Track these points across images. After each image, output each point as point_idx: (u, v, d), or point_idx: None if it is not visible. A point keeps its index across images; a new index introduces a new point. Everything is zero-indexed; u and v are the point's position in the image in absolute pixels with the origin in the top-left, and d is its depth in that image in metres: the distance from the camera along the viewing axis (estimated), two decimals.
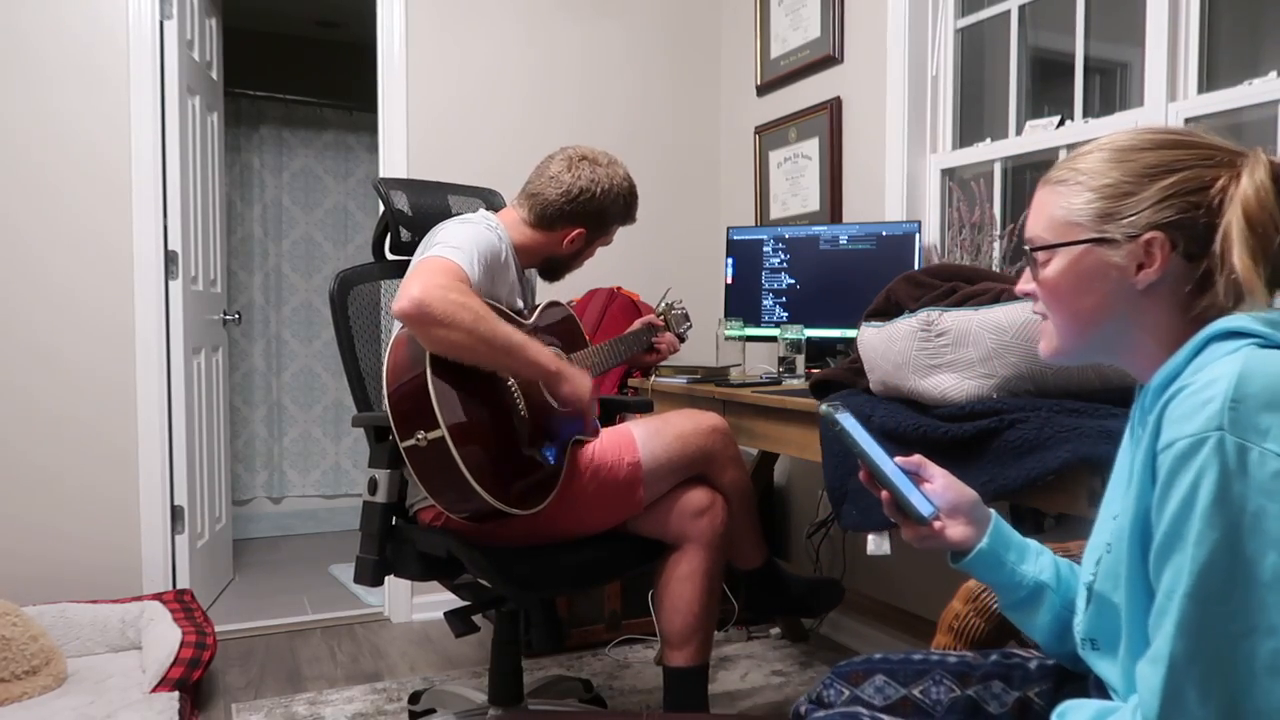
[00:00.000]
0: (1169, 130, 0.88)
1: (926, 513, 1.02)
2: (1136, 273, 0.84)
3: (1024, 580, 1.03)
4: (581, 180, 1.90)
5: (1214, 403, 0.71)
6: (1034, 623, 1.04)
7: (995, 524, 1.05)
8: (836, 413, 1.03)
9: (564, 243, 1.94)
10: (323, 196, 4.61)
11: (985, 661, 1.07)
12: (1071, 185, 0.88)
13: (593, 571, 1.92)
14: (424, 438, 1.57)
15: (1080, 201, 0.87)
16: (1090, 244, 0.86)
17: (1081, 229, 0.86)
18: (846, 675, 1.08)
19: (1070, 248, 0.87)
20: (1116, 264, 0.85)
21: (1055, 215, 0.89)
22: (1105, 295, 0.86)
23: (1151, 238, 0.83)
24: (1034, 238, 0.91)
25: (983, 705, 1.04)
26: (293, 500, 4.62)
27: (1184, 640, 0.71)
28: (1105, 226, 0.85)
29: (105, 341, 2.79)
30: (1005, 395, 1.50)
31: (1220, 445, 0.70)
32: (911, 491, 1.03)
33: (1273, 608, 0.68)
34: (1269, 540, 0.68)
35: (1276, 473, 0.69)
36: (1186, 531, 0.71)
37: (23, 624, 2.29)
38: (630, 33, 3.39)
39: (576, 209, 1.91)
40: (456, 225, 1.81)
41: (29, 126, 2.70)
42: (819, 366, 2.53)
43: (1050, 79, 2.40)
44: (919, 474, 1.05)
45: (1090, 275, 0.87)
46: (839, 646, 2.79)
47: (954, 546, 1.04)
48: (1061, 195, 0.89)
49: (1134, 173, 0.85)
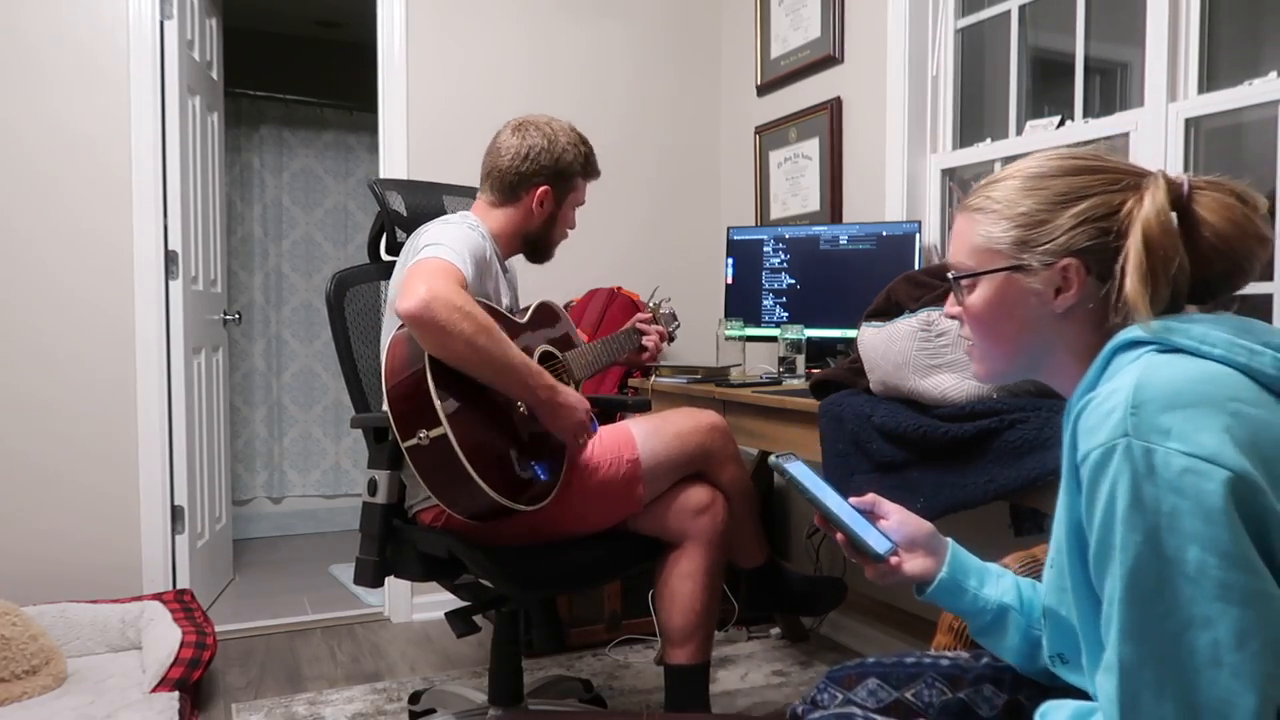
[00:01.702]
0: (1077, 155, 0.90)
1: (883, 550, 1.05)
2: (1055, 297, 0.88)
3: (987, 605, 1.05)
4: (529, 139, 1.91)
5: (1117, 411, 0.73)
6: (1003, 645, 1.06)
7: (952, 553, 1.07)
8: (786, 463, 1.07)
9: (534, 207, 1.92)
10: (323, 196, 4.61)
11: (977, 664, 1.08)
12: (989, 213, 0.91)
13: (593, 571, 1.92)
14: (426, 436, 1.57)
15: (998, 230, 0.90)
16: (1009, 271, 0.89)
17: (1001, 257, 0.90)
18: (840, 680, 1.09)
19: (992, 275, 0.90)
20: (1035, 289, 0.88)
21: (975, 243, 0.92)
22: (1026, 320, 0.90)
23: (1067, 264, 0.86)
24: (957, 265, 0.94)
25: (974, 708, 1.05)
26: (293, 500, 4.62)
27: (1129, 645, 0.73)
28: (1022, 254, 0.88)
29: (105, 341, 2.79)
30: (1005, 395, 1.50)
31: (1128, 451, 0.72)
32: (867, 531, 1.06)
33: (1202, 600, 0.70)
34: (1186, 536, 0.70)
35: (1182, 469, 0.70)
36: (1112, 539, 0.73)
37: (23, 624, 2.29)
38: (630, 33, 3.39)
39: (535, 167, 1.90)
40: (440, 226, 1.81)
41: (29, 126, 2.70)
42: (819, 366, 2.53)
43: (1050, 79, 2.40)
44: (874, 512, 1.09)
45: (1011, 301, 0.90)
46: (839, 646, 2.79)
47: (913, 579, 1.06)
48: (979, 223, 0.91)
49: (1046, 200, 0.88)
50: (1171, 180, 0.86)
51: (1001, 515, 1.89)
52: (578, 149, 1.94)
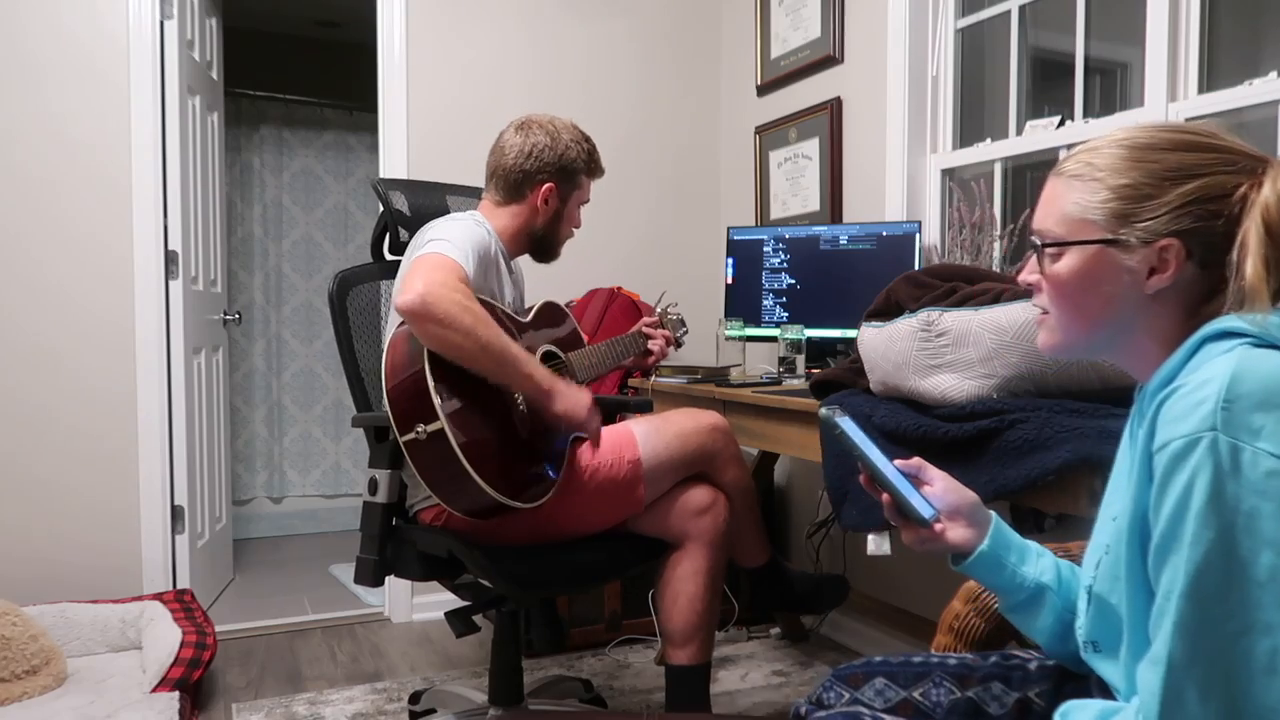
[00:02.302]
0: (1191, 130, 0.85)
1: (927, 515, 1.02)
2: (1148, 277, 0.83)
3: (1025, 582, 1.02)
4: (533, 137, 1.91)
5: (1207, 403, 0.71)
6: (1035, 625, 1.04)
7: (996, 526, 1.04)
8: (836, 415, 1.03)
9: (540, 205, 1.93)
10: (323, 196, 4.61)
11: (985, 663, 1.07)
12: (1088, 181, 0.85)
13: (594, 571, 1.92)
14: (424, 430, 1.58)
15: (1096, 200, 0.84)
16: (1103, 244, 0.84)
17: (1095, 228, 0.84)
18: (846, 678, 1.08)
19: (1084, 246, 0.85)
20: (1129, 267, 0.83)
21: (1068, 211, 0.86)
22: (1113, 297, 0.85)
23: (1167, 244, 0.82)
24: (1044, 231, 0.89)
25: (983, 707, 1.03)
26: (293, 500, 4.62)
27: (1182, 641, 0.71)
28: (1121, 229, 0.83)
29: (105, 341, 2.79)
30: (1005, 395, 1.50)
31: (1214, 445, 0.70)
32: (912, 494, 1.03)
33: (1268, 606, 0.68)
34: (1263, 539, 0.68)
35: (1269, 472, 0.68)
36: (1182, 532, 0.71)
37: (23, 624, 2.29)
38: (631, 33, 3.39)
39: (539, 165, 1.91)
40: (446, 223, 1.82)
41: (29, 127, 2.70)
42: (819, 367, 2.53)
43: (1050, 79, 2.40)
44: (918, 476, 1.05)
45: (1100, 276, 0.85)
46: (839, 647, 2.79)
47: (954, 549, 1.03)
48: (1076, 190, 0.86)
49: (1154, 175, 0.83)
50: None
51: (1002, 515, 1.89)
52: (580, 146, 1.95)
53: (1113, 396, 1.44)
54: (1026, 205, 2.39)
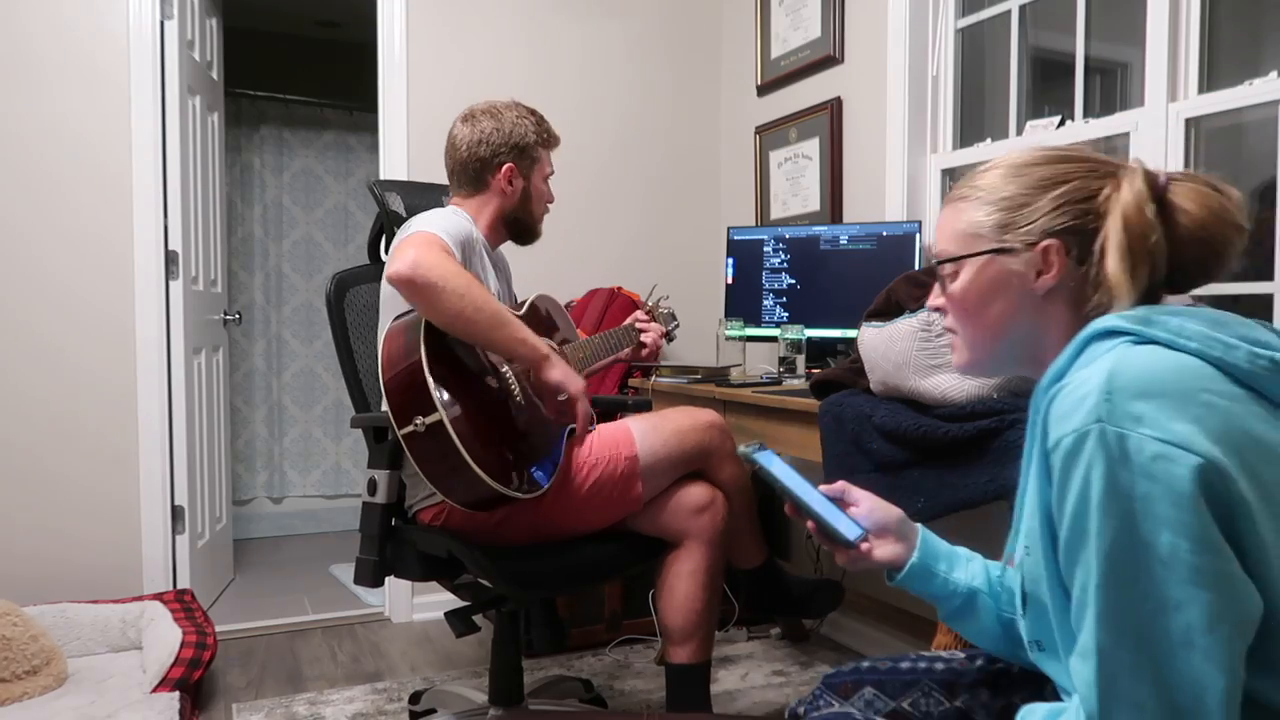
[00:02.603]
0: (1058, 146, 0.94)
1: (853, 536, 1.06)
2: (1036, 279, 0.90)
3: (957, 589, 1.06)
4: (480, 124, 1.93)
5: (1090, 397, 0.74)
6: (978, 629, 1.07)
7: (923, 537, 1.09)
8: (754, 453, 1.08)
9: (505, 187, 1.94)
10: (323, 196, 4.62)
11: (972, 668, 1.08)
12: (972, 201, 0.94)
13: (593, 570, 1.92)
14: (422, 423, 1.58)
15: (981, 215, 0.92)
16: (992, 254, 0.92)
17: (983, 240, 0.92)
18: (836, 687, 1.09)
19: (975, 259, 0.93)
20: (1018, 271, 0.91)
21: (958, 229, 0.94)
22: (1009, 303, 0.92)
23: (1048, 244, 0.89)
24: (940, 252, 0.96)
25: (971, 715, 1.05)
26: (293, 500, 4.62)
27: (1106, 629, 0.73)
28: (1005, 236, 0.91)
29: (105, 341, 2.79)
30: (1005, 395, 1.50)
31: (1102, 436, 0.73)
32: (837, 518, 1.07)
33: (1174, 583, 0.70)
34: (1159, 520, 0.71)
35: (1154, 455, 0.71)
36: (1087, 525, 0.74)
37: (23, 624, 2.30)
38: (630, 33, 3.39)
39: (492, 149, 1.92)
40: (425, 215, 1.84)
41: (29, 127, 2.70)
42: (819, 366, 2.53)
43: (1050, 79, 2.40)
44: (844, 499, 1.10)
45: (994, 284, 0.92)
46: (839, 646, 2.79)
47: (884, 565, 1.08)
48: (963, 211, 0.94)
49: (1028, 185, 0.91)
50: (1149, 171, 0.89)
51: (1002, 515, 1.89)
52: (527, 120, 1.96)
53: None
54: None
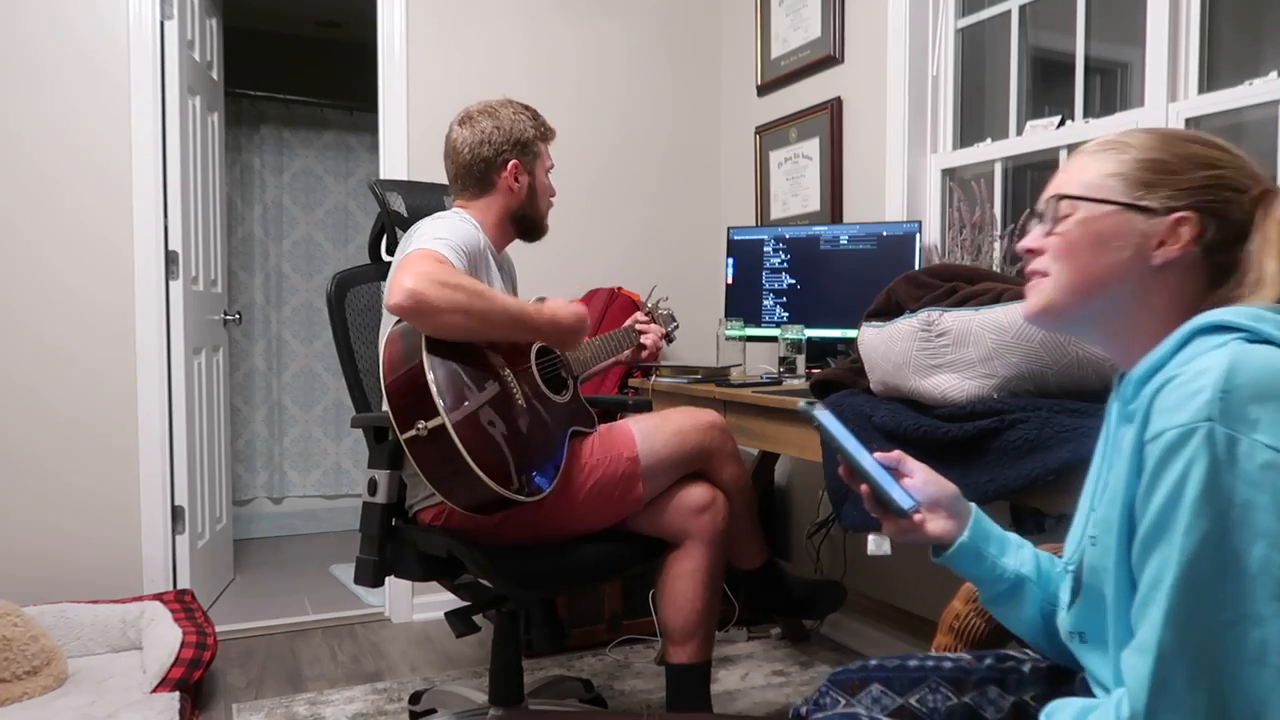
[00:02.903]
0: (1214, 136, 0.90)
1: (906, 506, 1.03)
2: (1156, 248, 0.85)
3: (1005, 573, 1.03)
4: (479, 126, 1.93)
5: (1204, 393, 0.71)
6: (1017, 616, 1.05)
7: (975, 517, 1.06)
8: (814, 409, 1.04)
9: (510, 185, 1.94)
10: (323, 197, 4.61)
11: (980, 666, 1.07)
12: (1116, 153, 0.88)
13: (593, 570, 1.92)
14: (424, 427, 1.58)
15: (1125, 168, 0.87)
16: (1125, 207, 0.86)
17: (1118, 193, 0.87)
18: (842, 684, 1.08)
19: (1100, 206, 0.87)
20: (1141, 232, 0.85)
21: (1090, 177, 0.89)
22: (1119, 263, 0.86)
23: (1184, 216, 0.84)
24: (1063, 193, 0.90)
25: (979, 712, 1.04)
26: (293, 500, 4.62)
27: (1171, 630, 0.71)
28: (1143, 195, 0.86)
29: (105, 341, 2.79)
30: (1006, 395, 1.50)
31: (1210, 436, 0.70)
32: (891, 485, 1.04)
33: (1259, 598, 0.69)
34: (1257, 531, 0.69)
35: (1265, 464, 0.69)
36: (1174, 522, 0.71)
37: (23, 624, 2.30)
38: (630, 33, 3.39)
39: (495, 148, 1.92)
40: (432, 222, 1.83)
41: (30, 127, 2.70)
42: (819, 366, 2.53)
43: (1050, 79, 2.40)
44: (898, 469, 1.06)
45: (1111, 237, 0.86)
46: (840, 647, 2.79)
47: (934, 539, 1.04)
48: (1103, 160, 0.89)
49: (1180, 157, 0.86)
50: None
51: (1002, 515, 1.89)
52: (524, 116, 1.96)
53: None
54: (1027, 205, 2.39)
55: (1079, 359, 1.44)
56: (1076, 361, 1.44)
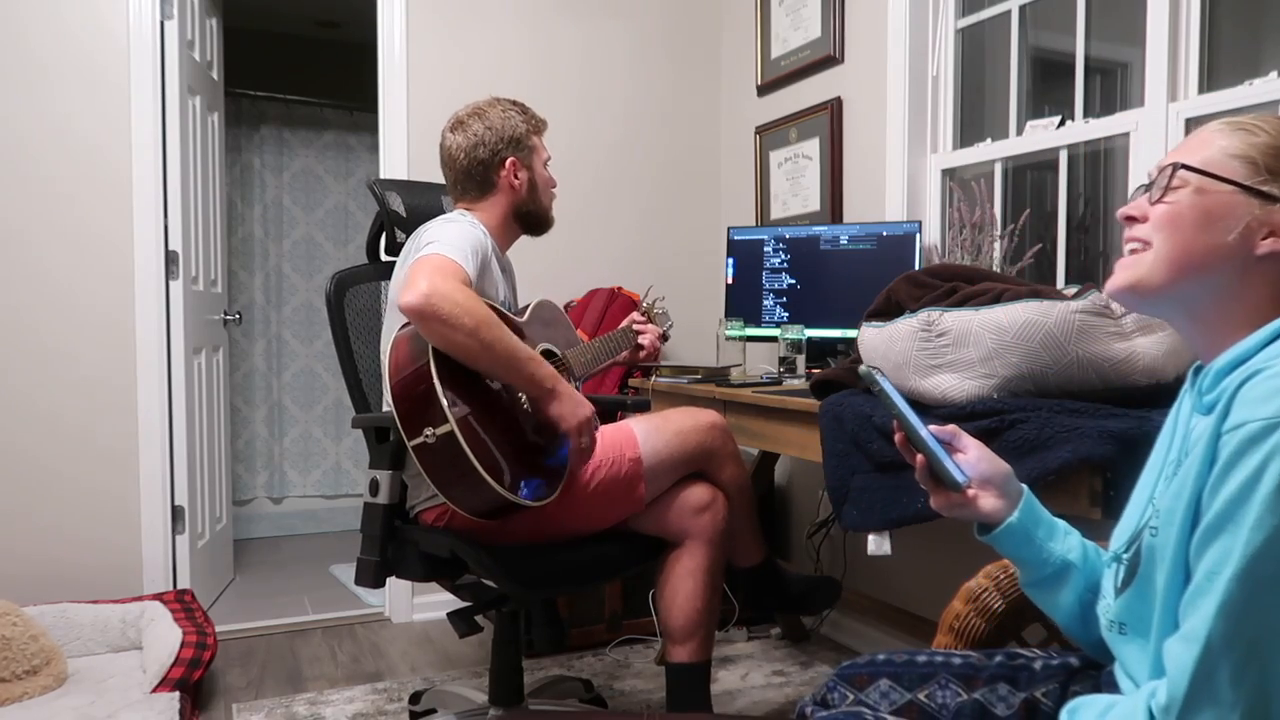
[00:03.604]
0: None
1: (961, 480, 1.02)
2: (1264, 237, 0.83)
3: (1051, 558, 1.02)
4: (471, 128, 1.93)
5: None
6: (1055, 601, 1.03)
7: (1026, 499, 1.04)
8: (876, 374, 1.03)
9: (511, 183, 1.93)
10: (323, 197, 4.61)
11: (990, 663, 1.06)
12: (1248, 134, 0.86)
13: (594, 570, 1.92)
14: (433, 434, 1.57)
15: (1252, 150, 0.84)
16: (1243, 189, 0.83)
17: (1239, 173, 0.84)
18: (850, 678, 1.07)
19: (1215, 182, 0.84)
20: (1252, 217, 0.83)
21: (1214, 153, 0.86)
22: (1223, 245, 0.84)
23: None
24: (1182, 163, 0.87)
25: (990, 708, 1.03)
26: (293, 500, 4.62)
27: (1224, 622, 0.70)
28: (1263, 181, 0.83)
29: (105, 341, 2.79)
30: (1006, 395, 1.50)
31: None
32: (946, 459, 1.03)
33: None
34: None
35: None
36: (1243, 514, 0.70)
37: (23, 624, 2.30)
38: (630, 33, 3.39)
39: (490, 148, 1.92)
40: (442, 225, 1.82)
41: (30, 126, 2.70)
42: (820, 366, 2.53)
43: (1050, 79, 2.40)
44: (952, 444, 1.05)
45: (1219, 217, 0.84)
46: (840, 646, 2.79)
47: (984, 517, 1.03)
48: (1230, 138, 0.86)
49: None
50: None
51: None
52: (513, 112, 1.96)
53: (1113, 397, 1.44)
54: (1026, 205, 2.39)
55: (1079, 359, 1.45)
56: (1076, 361, 1.45)
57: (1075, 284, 1.80)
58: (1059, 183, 2.27)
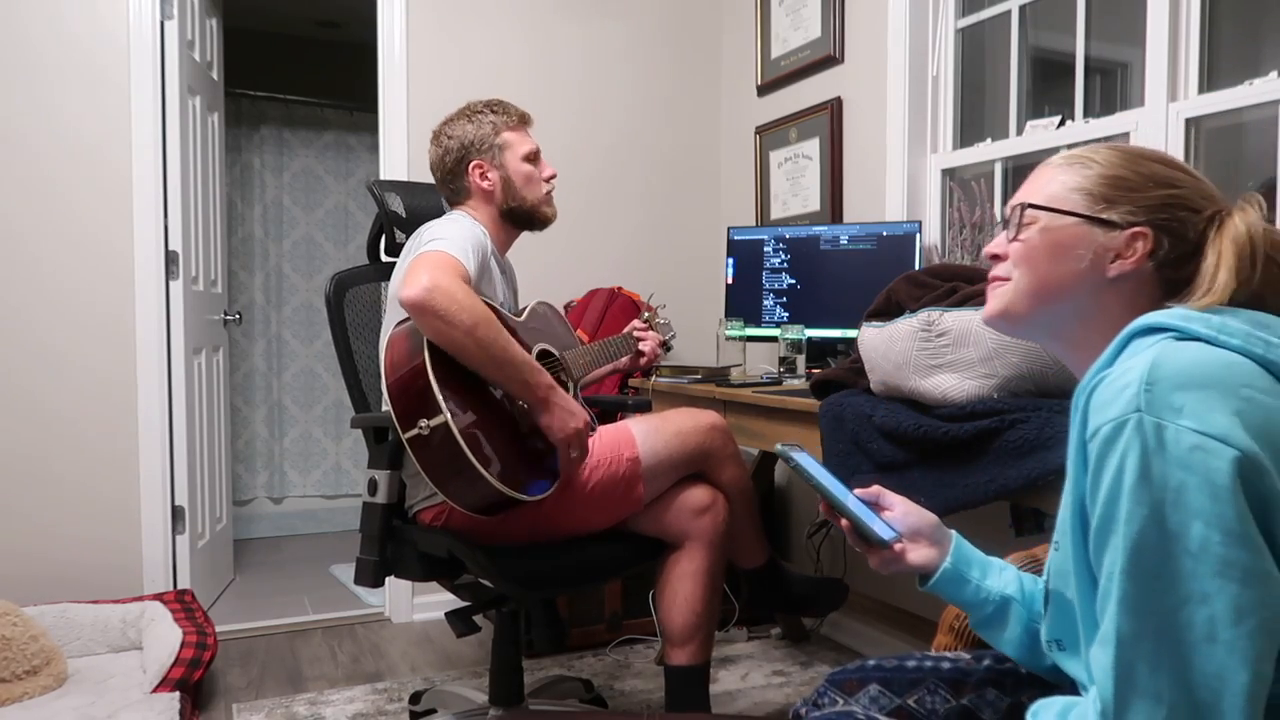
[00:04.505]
0: (1173, 158, 0.95)
1: (887, 537, 1.06)
2: (1112, 261, 0.89)
3: (989, 596, 1.06)
4: (441, 142, 1.96)
5: (1130, 387, 0.74)
6: (1003, 637, 1.06)
7: (956, 544, 1.08)
8: (792, 451, 1.08)
9: (481, 184, 1.94)
10: (323, 197, 4.61)
11: (979, 667, 1.08)
12: (1081, 167, 0.92)
13: (593, 570, 1.92)
14: (427, 425, 1.58)
15: (1088, 183, 0.91)
16: (1085, 219, 0.90)
17: (1079, 205, 0.91)
18: (841, 684, 1.09)
19: (1060, 216, 0.91)
20: (1098, 244, 0.89)
21: (1055, 189, 0.92)
22: (1076, 272, 0.90)
23: (1140, 232, 0.88)
24: (1028, 199, 0.94)
25: (977, 714, 1.05)
26: (293, 500, 4.62)
27: (1127, 617, 0.73)
28: (1104, 209, 0.89)
29: (105, 341, 2.79)
30: (1006, 395, 1.50)
31: (1139, 426, 0.73)
32: (872, 519, 1.07)
33: (1202, 576, 0.70)
34: (1191, 512, 0.71)
35: (1192, 446, 0.71)
36: (1117, 512, 0.74)
37: (23, 624, 2.30)
38: (630, 33, 3.39)
39: (456, 158, 1.94)
40: (444, 223, 1.83)
41: (30, 127, 2.70)
42: (820, 366, 2.53)
43: (1050, 79, 2.40)
44: (878, 503, 1.10)
45: (1069, 247, 0.90)
46: (840, 647, 2.79)
47: (917, 569, 1.07)
48: (1068, 173, 0.93)
49: (1141, 174, 0.90)
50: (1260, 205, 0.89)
51: (1002, 515, 1.89)
52: (480, 115, 1.96)
53: None
54: None
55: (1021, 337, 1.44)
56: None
57: None
58: None
